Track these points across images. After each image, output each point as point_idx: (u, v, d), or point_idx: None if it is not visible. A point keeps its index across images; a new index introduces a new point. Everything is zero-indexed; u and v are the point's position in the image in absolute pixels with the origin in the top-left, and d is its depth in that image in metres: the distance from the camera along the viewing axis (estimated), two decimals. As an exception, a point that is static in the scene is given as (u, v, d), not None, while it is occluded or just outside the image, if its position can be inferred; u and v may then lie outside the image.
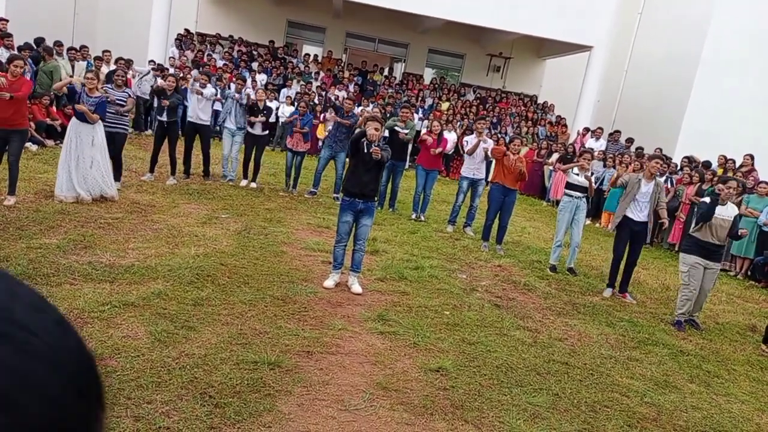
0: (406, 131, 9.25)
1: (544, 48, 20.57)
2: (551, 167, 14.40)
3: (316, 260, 6.36)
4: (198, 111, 9.40)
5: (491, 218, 8.19)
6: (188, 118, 9.60)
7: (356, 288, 5.60)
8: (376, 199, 5.76)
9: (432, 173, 9.44)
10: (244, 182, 9.82)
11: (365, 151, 5.45)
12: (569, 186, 7.61)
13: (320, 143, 12.98)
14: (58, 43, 12.37)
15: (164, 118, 8.85)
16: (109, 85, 8.07)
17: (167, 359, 3.68)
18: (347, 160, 9.86)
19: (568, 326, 5.64)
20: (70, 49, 12.75)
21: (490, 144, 9.00)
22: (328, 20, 20.17)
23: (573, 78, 18.74)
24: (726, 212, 5.99)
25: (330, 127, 10.18)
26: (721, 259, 6.17)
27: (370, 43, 21.11)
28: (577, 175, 7.52)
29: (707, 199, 6.10)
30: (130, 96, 8.07)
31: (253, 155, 9.80)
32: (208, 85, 9.54)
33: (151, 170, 9.11)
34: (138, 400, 3.19)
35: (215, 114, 10.15)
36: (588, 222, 12.63)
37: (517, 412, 3.77)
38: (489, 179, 9.13)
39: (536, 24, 16.49)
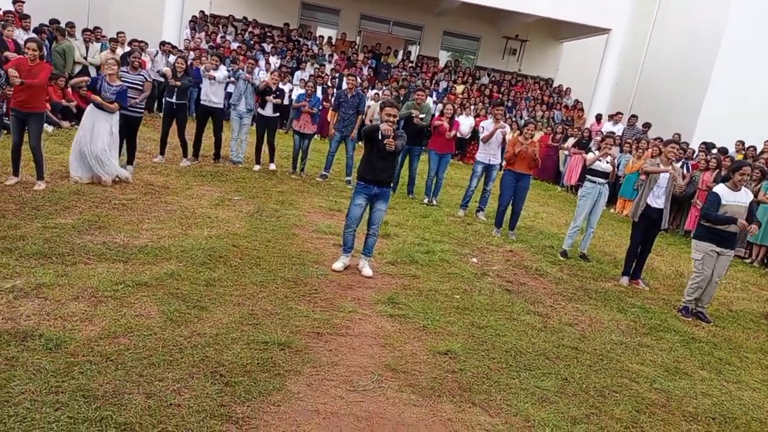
0: (422, 115, 9.14)
1: (561, 31, 20.27)
2: (566, 152, 14.26)
3: (327, 243, 6.38)
4: (210, 94, 9.37)
5: (504, 205, 8.11)
6: (201, 101, 9.57)
7: (367, 271, 5.61)
8: (391, 185, 5.71)
9: (445, 157, 9.38)
10: (257, 167, 9.78)
11: (380, 139, 5.39)
12: (592, 172, 7.44)
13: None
14: (71, 24, 12.41)
15: (174, 99, 8.83)
16: (124, 68, 8.06)
17: (179, 338, 3.74)
18: (358, 142, 9.83)
19: (578, 311, 5.62)
20: (84, 30, 12.81)
21: (506, 129, 8.89)
22: (343, 2, 20.03)
23: (590, 61, 18.47)
24: (741, 198, 5.86)
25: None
26: (735, 246, 6.04)
27: (385, 26, 20.95)
28: (600, 161, 7.38)
29: (720, 190, 5.92)
30: (147, 80, 8.06)
31: (265, 138, 9.79)
32: (221, 67, 9.51)
33: (162, 152, 9.12)
34: (150, 377, 3.25)
35: (228, 96, 10.11)
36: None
37: (525, 395, 3.78)
38: (502, 165, 9.04)
39: (553, 6, 16.26)
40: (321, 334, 4.17)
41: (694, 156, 11.94)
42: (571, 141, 14.23)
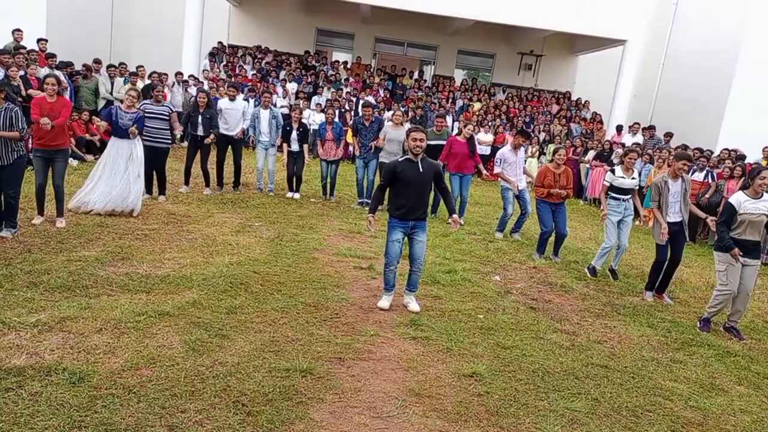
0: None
1: (576, 44, 20.21)
2: (588, 165, 14.11)
3: (347, 266, 6.35)
4: (229, 124, 9.48)
5: (547, 230, 7.70)
6: (220, 131, 9.71)
7: (414, 306, 5.27)
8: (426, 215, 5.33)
9: (465, 177, 9.24)
10: (289, 194, 9.98)
11: (409, 168, 5.07)
12: (615, 189, 7.11)
13: (351, 148, 12.98)
14: (97, 61, 12.81)
15: (199, 132, 8.96)
16: (148, 101, 8.27)
17: (201, 368, 3.72)
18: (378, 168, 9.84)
19: (607, 328, 5.48)
20: (109, 66, 13.15)
21: (519, 160, 8.72)
22: (357, 26, 20.27)
23: (608, 73, 18.34)
24: (762, 205, 5.60)
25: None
26: (760, 256, 5.79)
27: (399, 47, 21.12)
28: (623, 178, 7.08)
29: (738, 198, 5.66)
30: (172, 111, 8.31)
31: (294, 168, 9.88)
32: (238, 97, 9.66)
33: (186, 182, 9.29)
34: (172, 409, 3.23)
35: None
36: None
37: (554, 417, 3.67)
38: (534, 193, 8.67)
39: (567, 20, 16.22)
40: (343, 360, 4.12)
41: (718, 163, 11.68)
42: (591, 154, 14.09)
